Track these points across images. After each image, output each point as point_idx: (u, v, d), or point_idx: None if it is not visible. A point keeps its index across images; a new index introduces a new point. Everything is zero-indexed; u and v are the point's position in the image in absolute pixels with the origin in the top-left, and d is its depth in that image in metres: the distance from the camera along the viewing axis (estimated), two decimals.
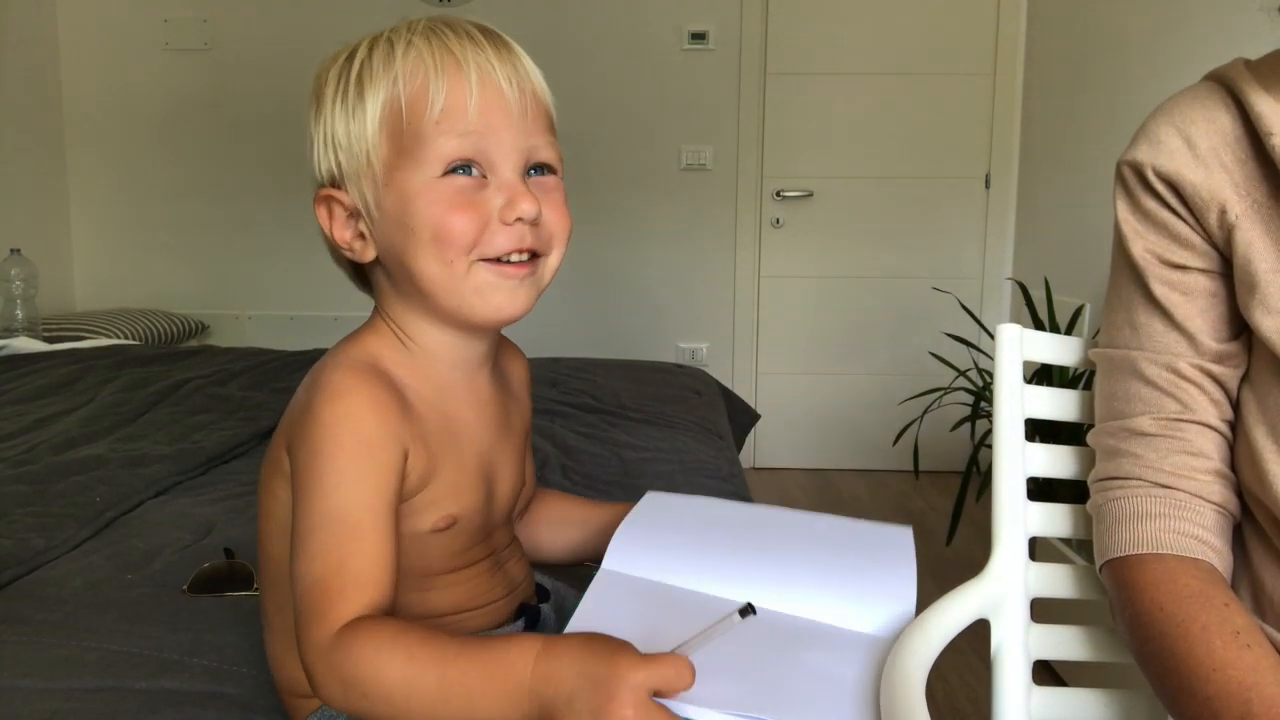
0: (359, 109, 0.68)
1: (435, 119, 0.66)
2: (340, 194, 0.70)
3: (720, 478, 1.48)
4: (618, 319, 3.52)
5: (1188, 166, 0.75)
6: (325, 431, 0.64)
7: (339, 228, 0.71)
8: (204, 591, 1.03)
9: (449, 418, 0.73)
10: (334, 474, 0.63)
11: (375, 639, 0.59)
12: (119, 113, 3.50)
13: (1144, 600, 0.73)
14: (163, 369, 2.10)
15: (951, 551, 2.58)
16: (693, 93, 3.42)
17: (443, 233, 0.67)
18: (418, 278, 0.69)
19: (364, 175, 0.68)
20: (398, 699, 0.58)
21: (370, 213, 0.70)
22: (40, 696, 0.82)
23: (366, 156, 0.68)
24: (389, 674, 0.58)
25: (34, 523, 1.20)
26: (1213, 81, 0.78)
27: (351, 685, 0.59)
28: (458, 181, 0.67)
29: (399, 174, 0.67)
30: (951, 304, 2.97)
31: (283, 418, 0.72)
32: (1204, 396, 0.77)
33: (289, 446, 0.68)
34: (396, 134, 0.67)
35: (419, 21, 0.71)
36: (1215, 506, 0.76)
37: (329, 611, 0.60)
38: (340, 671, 0.59)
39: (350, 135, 0.68)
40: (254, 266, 3.54)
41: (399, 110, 0.67)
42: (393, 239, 0.69)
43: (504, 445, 0.79)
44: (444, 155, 0.67)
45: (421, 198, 0.67)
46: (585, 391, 1.97)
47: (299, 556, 0.63)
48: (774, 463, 3.56)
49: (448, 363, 0.74)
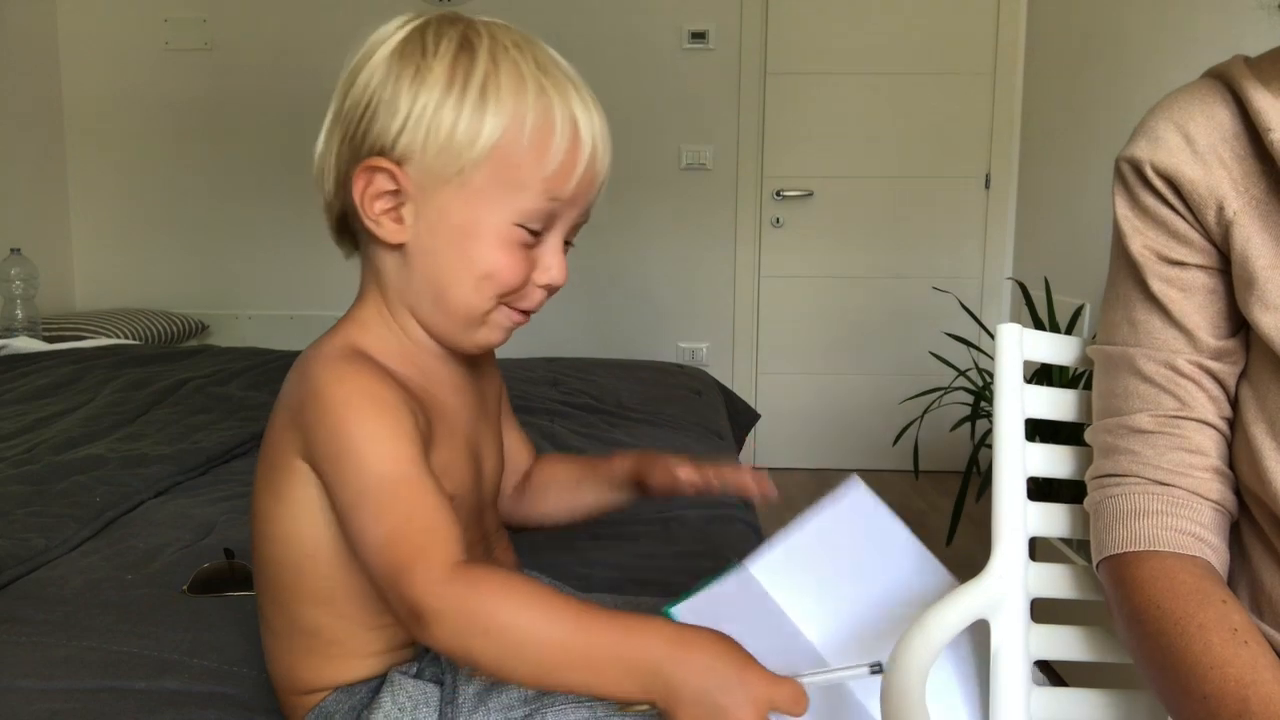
0: (478, 119, 0.67)
1: (543, 176, 0.68)
2: (399, 171, 0.68)
3: None
4: (618, 319, 3.52)
5: (1186, 163, 0.75)
6: (342, 407, 0.65)
7: (374, 197, 0.69)
8: (204, 592, 1.03)
9: (436, 400, 0.74)
10: (365, 439, 0.64)
11: (509, 581, 0.61)
12: (119, 113, 3.50)
13: (1141, 597, 0.73)
14: (163, 369, 2.10)
15: (951, 551, 2.57)
16: (693, 92, 3.42)
17: (497, 275, 0.69)
18: (446, 292, 0.70)
19: (448, 180, 0.68)
20: (521, 641, 0.59)
21: (427, 209, 0.69)
22: (40, 696, 0.82)
23: (461, 168, 0.67)
24: (520, 615, 0.59)
25: (34, 523, 1.20)
26: (1212, 78, 0.78)
27: (474, 619, 0.59)
28: (523, 235, 0.69)
29: (483, 199, 0.68)
30: (951, 304, 2.97)
31: (272, 421, 0.72)
32: (1202, 393, 0.77)
33: (304, 438, 0.68)
34: (503, 166, 0.67)
35: (533, 44, 0.70)
36: (1213, 504, 0.76)
37: (428, 552, 0.61)
38: (463, 604, 0.59)
39: (455, 136, 0.67)
40: (254, 266, 3.54)
41: (517, 149, 0.67)
42: (442, 247, 0.69)
43: (484, 426, 0.81)
44: (529, 210, 0.69)
45: (491, 235, 0.69)
46: (585, 391, 1.97)
47: (360, 525, 0.64)
48: (774, 463, 3.56)
49: (431, 351, 0.75)
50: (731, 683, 0.58)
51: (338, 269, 0.80)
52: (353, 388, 0.66)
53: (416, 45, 0.69)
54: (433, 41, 0.68)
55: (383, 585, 0.63)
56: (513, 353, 1.01)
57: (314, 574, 0.72)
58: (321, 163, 0.72)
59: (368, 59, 0.70)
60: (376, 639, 0.74)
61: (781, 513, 2.92)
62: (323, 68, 3.74)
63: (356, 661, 0.74)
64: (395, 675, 0.73)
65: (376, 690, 0.73)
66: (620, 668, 0.59)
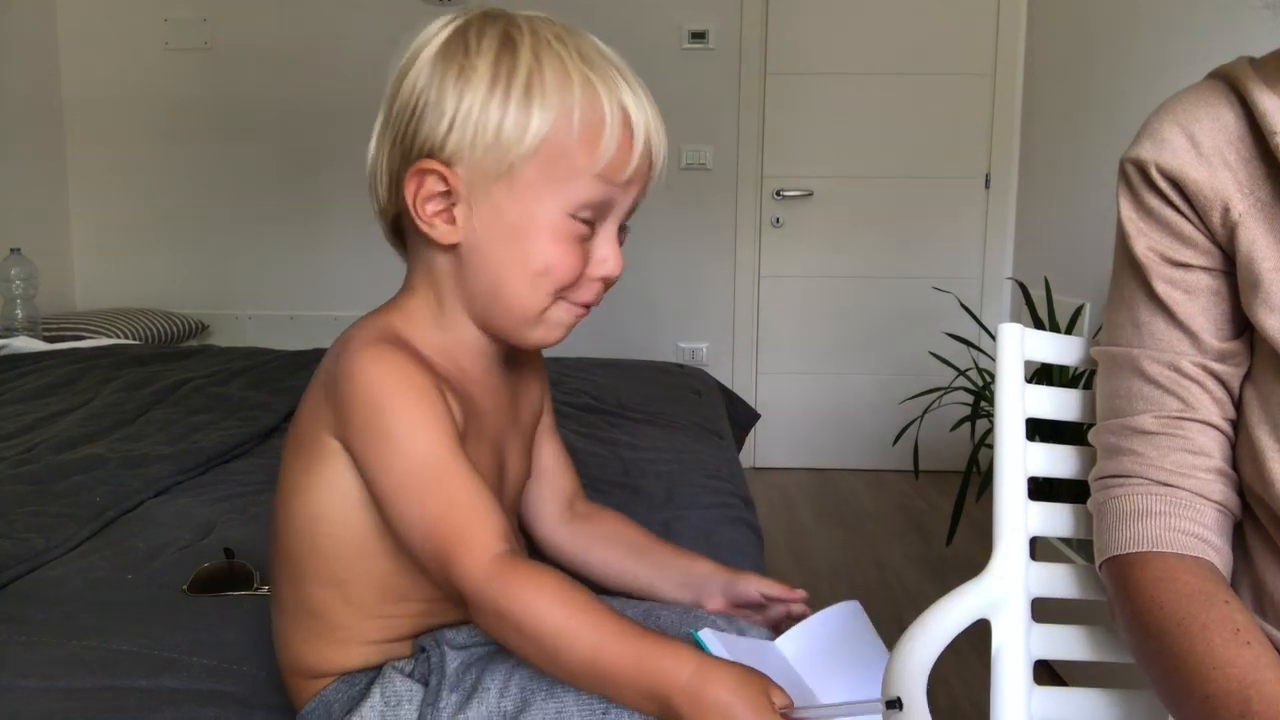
0: (524, 114, 0.67)
1: (596, 168, 0.68)
2: (449, 172, 0.68)
3: (720, 478, 1.48)
4: (618, 319, 3.52)
5: (1191, 164, 0.75)
6: (379, 389, 0.66)
7: (426, 199, 0.69)
8: (204, 591, 1.03)
9: (470, 396, 0.74)
10: (404, 423, 0.65)
11: (544, 583, 0.62)
12: (119, 113, 3.50)
13: (1143, 598, 0.73)
14: (163, 369, 2.10)
15: (951, 551, 2.58)
16: (693, 92, 3.42)
17: (553, 270, 0.70)
18: (502, 290, 0.70)
19: (498, 175, 0.68)
20: (547, 647, 0.61)
21: (480, 208, 0.69)
22: (40, 696, 0.82)
23: (510, 164, 0.67)
24: (548, 621, 0.61)
25: (34, 523, 1.20)
26: (1217, 79, 0.78)
27: (506, 618, 0.61)
28: (577, 227, 0.70)
29: (534, 194, 0.68)
30: (951, 304, 2.97)
31: (307, 395, 0.73)
32: (1206, 395, 0.77)
33: (339, 416, 0.68)
34: (553, 159, 0.67)
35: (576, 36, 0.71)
36: (1216, 505, 0.76)
37: (472, 540, 0.63)
38: (497, 604, 0.61)
39: (502, 133, 0.67)
40: (254, 266, 3.54)
41: (568, 143, 0.67)
42: (496, 245, 0.69)
43: (514, 434, 0.81)
44: (584, 200, 0.69)
45: (547, 229, 0.69)
46: (585, 391, 1.97)
47: (401, 510, 0.65)
48: (774, 463, 3.56)
49: (473, 351, 0.75)
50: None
51: (338, 269, 0.80)
52: (390, 370, 0.67)
53: (459, 45, 0.69)
54: (475, 40, 0.68)
55: (429, 570, 0.65)
56: None
57: (329, 554, 0.72)
58: (374, 168, 0.72)
59: (413, 62, 0.70)
60: (379, 628, 0.75)
61: (783, 512, 2.94)
62: (323, 68, 3.76)
63: (357, 648, 0.75)
64: (389, 670, 0.74)
65: (373, 682, 0.74)
66: (636, 689, 0.61)
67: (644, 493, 1.38)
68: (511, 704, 0.69)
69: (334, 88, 3.35)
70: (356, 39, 3.35)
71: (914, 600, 2.37)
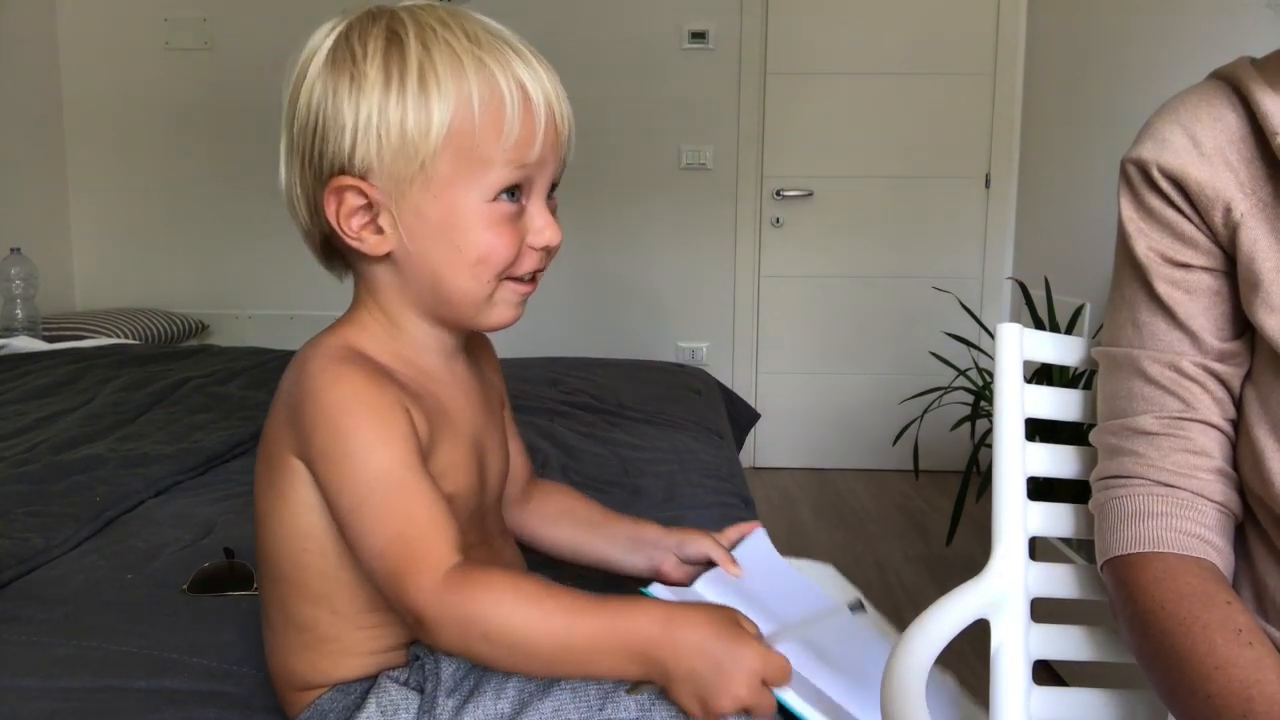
0: (423, 110, 0.66)
1: (505, 149, 0.67)
2: (365, 185, 0.67)
3: (720, 477, 1.48)
4: (618, 319, 3.52)
5: (1193, 164, 0.75)
6: (337, 410, 0.65)
7: (349, 215, 0.69)
8: (204, 591, 1.03)
9: (438, 398, 0.74)
10: (362, 444, 0.65)
11: (498, 584, 0.61)
12: (119, 112, 3.50)
13: (1145, 599, 0.73)
14: (163, 369, 2.10)
15: (951, 551, 2.58)
16: (693, 92, 3.42)
17: (489, 257, 0.69)
18: (446, 287, 0.70)
19: (413, 179, 0.67)
20: (520, 642, 0.61)
21: (403, 213, 0.68)
22: (40, 696, 0.82)
23: (421, 163, 0.66)
24: (514, 617, 0.60)
25: (34, 523, 1.20)
26: (1218, 80, 0.78)
27: (471, 625, 0.61)
28: (504, 208, 0.69)
29: (453, 189, 0.67)
30: (951, 304, 2.97)
31: (271, 416, 0.73)
32: (1206, 395, 0.77)
33: (300, 438, 0.68)
34: (462, 150, 0.67)
35: (461, 17, 0.69)
36: (1217, 505, 0.76)
37: (425, 558, 0.62)
38: (459, 612, 0.61)
39: (406, 133, 0.66)
40: (254, 266, 3.54)
41: (471, 131, 0.66)
42: (427, 246, 0.69)
43: (490, 425, 0.81)
44: (502, 183, 0.68)
45: (473, 219, 0.68)
46: (585, 391, 1.97)
47: (359, 529, 0.64)
48: (774, 463, 3.56)
49: (432, 350, 0.75)
50: (723, 659, 0.60)
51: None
52: (349, 391, 0.66)
53: (345, 53, 0.67)
54: (360, 44, 0.67)
55: (384, 591, 0.64)
56: (513, 353, 1.01)
57: (311, 569, 0.72)
58: (289, 193, 0.72)
59: (303, 77, 0.69)
60: (370, 638, 0.74)
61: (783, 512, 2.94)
62: None
63: (350, 659, 0.74)
64: (384, 679, 0.74)
65: (369, 692, 0.74)
66: (616, 655, 0.61)
67: (644, 493, 1.38)
68: (509, 706, 0.69)
69: None
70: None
71: (914, 600, 2.37)
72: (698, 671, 0.60)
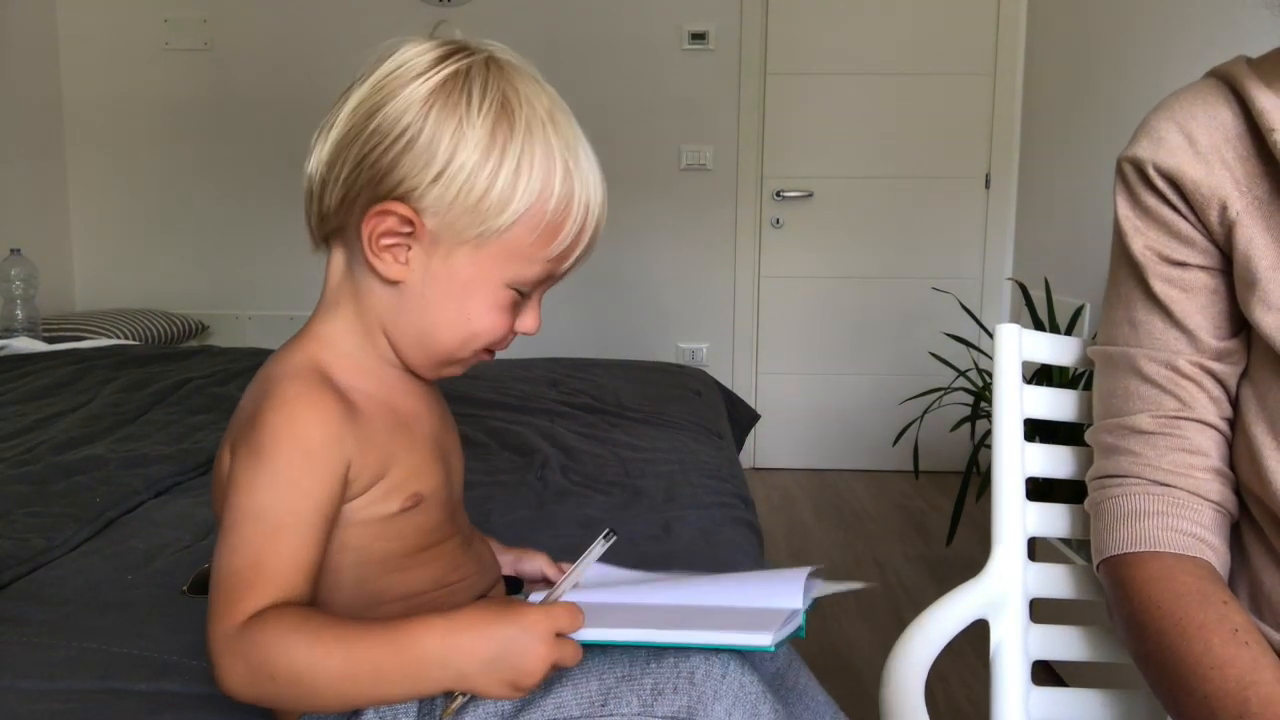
0: (509, 191, 0.66)
1: (548, 256, 0.70)
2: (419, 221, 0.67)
3: (720, 478, 1.48)
4: (618, 319, 3.52)
5: (1189, 163, 0.75)
6: (268, 435, 0.65)
7: (383, 232, 0.68)
8: (204, 592, 1.03)
9: (397, 410, 0.74)
10: (269, 474, 0.65)
11: (280, 623, 0.61)
12: (119, 113, 3.50)
13: (1141, 598, 0.73)
14: (163, 369, 2.10)
15: (951, 551, 2.58)
16: (693, 93, 3.42)
17: (484, 335, 0.71)
18: (432, 338, 0.71)
19: (466, 240, 0.68)
20: (305, 679, 0.60)
21: (435, 258, 0.69)
22: (40, 697, 0.82)
23: (481, 232, 0.67)
24: (295, 654, 0.60)
25: (34, 523, 1.20)
26: (1214, 78, 0.78)
27: (258, 668, 0.60)
28: (512, 295, 0.71)
29: (490, 264, 0.69)
30: (951, 304, 2.97)
31: (229, 426, 0.72)
32: (1203, 394, 0.77)
33: (236, 439, 0.68)
34: (518, 238, 0.68)
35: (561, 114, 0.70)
36: (1213, 504, 0.76)
37: (238, 603, 0.62)
38: (246, 657, 0.60)
39: (484, 202, 0.66)
40: (254, 266, 3.54)
41: (536, 226, 0.68)
42: (439, 298, 0.70)
43: (445, 427, 0.81)
44: (529, 279, 0.70)
45: (489, 296, 0.70)
46: (585, 391, 1.97)
47: (219, 549, 0.64)
48: (774, 463, 3.56)
49: (396, 364, 0.75)
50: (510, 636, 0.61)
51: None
52: (289, 417, 0.66)
53: (459, 95, 0.67)
54: (478, 95, 0.67)
55: (207, 616, 0.63)
56: (513, 353, 1.01)
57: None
58: (323, 176, 0.70)
59: (400, 87, 0.68)
60: None
61: (783, 512, 2.95)
62: (322, 68, 3.75)
63: None
64: None
65: None
66: (411, 674, 0.61)
67: (644, 493, 1.38)
68: (510, 703, 0.69)
69: (334, 88, 3.33)
70: (356, 39, 3.34)
71: (914, 600, 2.37)
72: (491, 659, 0.60)
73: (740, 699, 0.68)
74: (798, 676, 0.85)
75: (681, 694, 0.68)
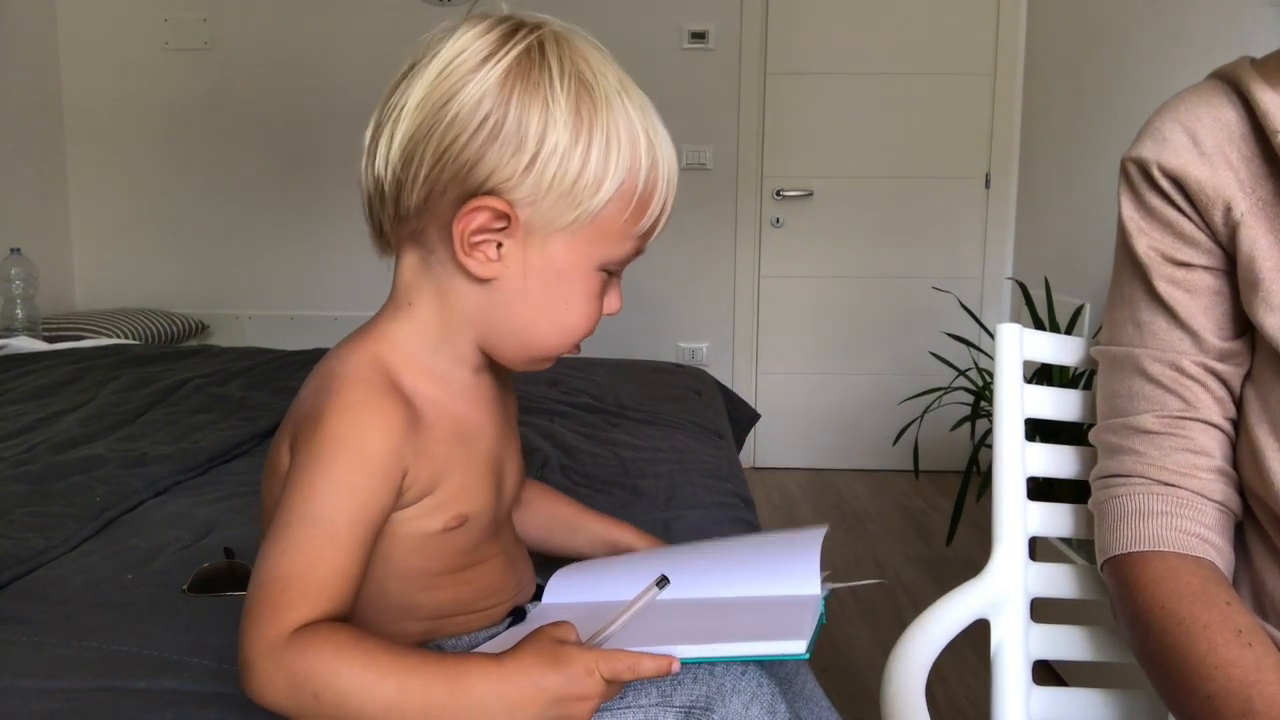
0: (601, 170, 0.64)
1: (640, 231, 0.67)
2: (514, 214, 0.64)
3: (720, 477, 1.48)
4: (618, 319, 3.50)
5: (1193, 163, 0.75)
6: (330, 438, 0.63)
7: (477, 230, 0.64)
8: (204, 591, 1.03)
9: (459, 421, 0.72)
10: (328, 479, 0.63)
11: (334, 642, 0.59)
12: (119, 113, 3.50)
13: (1145, 598, 0.73)
14: (163, 369, 2.10)
15: (951, 551, 2.58)
16: (693, 92, 3.42)
17: (583, 323, 0.69)
18: (530, 334, 0.69)
19: (562, 225, 0.65)
20: (351, 703, 0.58)
21: (530, 250, 0.66)
22: (40, 696, 0.82)
23: (577, 216, 0.65)
24: (347, 678, 0.58)
25: (34, 523, 1.20)
26: (1218, 79, 0.78)
27: (302, 684, 0.58)
28: (603, 279, 0.69)
29: (586, 247, 0.66)
30: (951, 304, 2.97)
31: (287, 419, 0.71)
32: (1207, 394, 0.77)
33: (295, 440, 0.66)
34: (610, 217, 0.65)
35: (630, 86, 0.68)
36: (1217, 504, 0.76)
37: (287, 611, 0.60)
38: (292, 670, 0.58)
39: (579, 184, 0.64)
40: (254, 266, 3.54)
41: (629, 202, 0.65)
42: (541, 291, 0.67)
43: (508, 441, 0.79)
44: (620, 258, 0.68)
45: (585, 282, 0.68)
46: (585, 391, 1.97)
47: (269, 549, 0.62)
48: (774, 463, 3.56)
49: (469, 366, 0.73)
50: (562, 687, 0.59)
51: (338, 269, 0.79)
52: (352, 423, 0.64)
53: (538, 74, 0.63)
54: (556, 72, 0.64)
55: (242, 617, 0.61)
56: None
57: None
58: (400, 174, 0.65)
59: (470, 72, 0.63)
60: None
61: (783, 512, 2.95)
62: (323, 68, 3.74)
63: None
64: None
65: None
66: (456, 713, 0.59)
67: (644, 493, 1.38)
68: None
69: (334, 88, 3.35)
70: (356, 39, 3.35)
71: (914, 600, 2.37)
72: (541, 709, 0.59)
73: (758, 695, 0.68)
74: (805, 682, 0.85)
75: (700, 684, 0.68)
